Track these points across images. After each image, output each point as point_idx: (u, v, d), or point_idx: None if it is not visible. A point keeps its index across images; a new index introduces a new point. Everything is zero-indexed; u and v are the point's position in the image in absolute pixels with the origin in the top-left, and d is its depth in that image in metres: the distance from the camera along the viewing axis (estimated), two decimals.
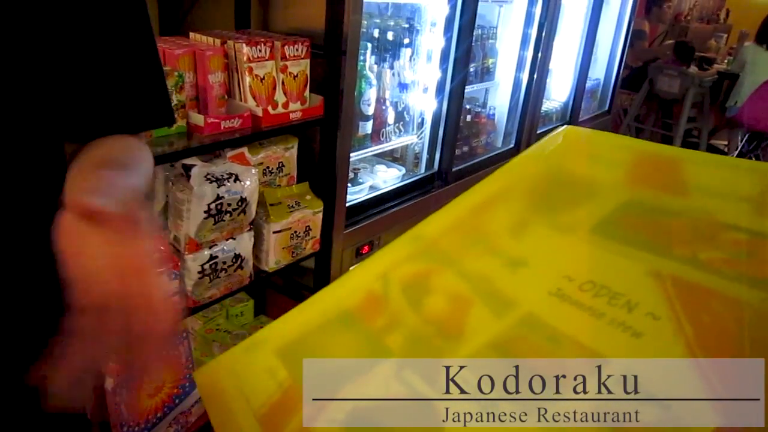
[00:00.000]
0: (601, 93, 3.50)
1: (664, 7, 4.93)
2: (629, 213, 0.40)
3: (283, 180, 1.54)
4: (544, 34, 2.40)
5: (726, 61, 5.01)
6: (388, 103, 1.95)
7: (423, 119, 2.08)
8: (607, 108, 3.51)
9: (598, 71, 3.45)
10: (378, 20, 2.04)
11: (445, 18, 1.95)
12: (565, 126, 0.55)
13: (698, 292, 0.33)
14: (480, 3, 2.26)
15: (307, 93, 1.47)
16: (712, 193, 0.38)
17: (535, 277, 0.39)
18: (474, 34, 2.36)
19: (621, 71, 3.49)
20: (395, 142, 2.01)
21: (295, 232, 1.50)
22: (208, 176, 1.24)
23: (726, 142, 4.79)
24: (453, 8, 1.93)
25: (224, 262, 1.33)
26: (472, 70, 2.37)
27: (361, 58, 1.79)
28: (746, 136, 4.47)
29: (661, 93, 4.47)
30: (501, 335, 0.36)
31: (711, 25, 8.57)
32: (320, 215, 1.55)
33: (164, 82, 0.68)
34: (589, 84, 3.30)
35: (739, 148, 4.49)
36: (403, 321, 0.39)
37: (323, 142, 1.54)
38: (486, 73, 2.45)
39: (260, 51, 1.34)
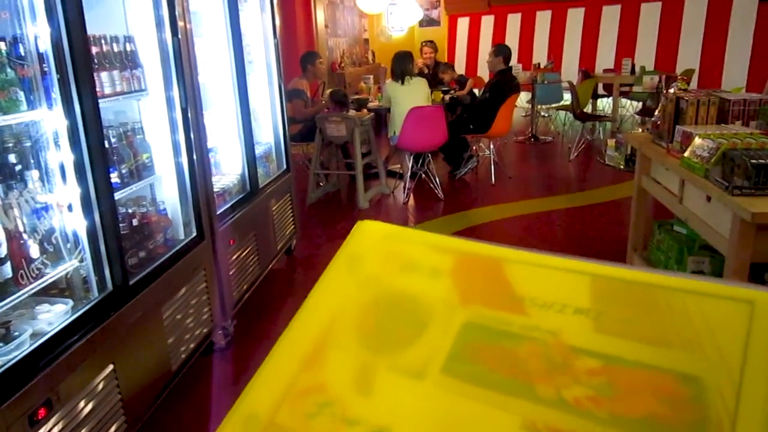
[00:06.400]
0: (276, 154, 3.62)
1: (316, 64, 5.40)
2: (472, 342, 0.37)
3: None
4: (190, 116, 2.37)
5: (377, 97, 5.68)
6: (25, 236, 1.69)
7: (78, 240, 1.85)
8: (285, 167, 3.64)
9: (266, 135, 3.56)
10: None
11: (67, 128, 1.76)
12: (358, 222, 0.48)
13: None
14: (115, 100, 2.14)
15: None
16: (546, 306, 0.37)
17: None
18: (116, 132, 2.22)
19: (287, 130, 3.67)
20: (50, 276, 1.74)
21: None
22: None
23: (399, 166, 5.41)
24: (73, 118, 1.76)
25: None
26: (126, 170, 2.21)
27: None
28: (411, 157, 5.10)
29: (333, 139, 4.85)
30: None
31: (363, 68, 9.75)
32: None
33: None
34: (261, 149, 3.39)
35: (410, 169, 5.09)
36: None
37: None
38: (144, 169, 2.31)
39: None
